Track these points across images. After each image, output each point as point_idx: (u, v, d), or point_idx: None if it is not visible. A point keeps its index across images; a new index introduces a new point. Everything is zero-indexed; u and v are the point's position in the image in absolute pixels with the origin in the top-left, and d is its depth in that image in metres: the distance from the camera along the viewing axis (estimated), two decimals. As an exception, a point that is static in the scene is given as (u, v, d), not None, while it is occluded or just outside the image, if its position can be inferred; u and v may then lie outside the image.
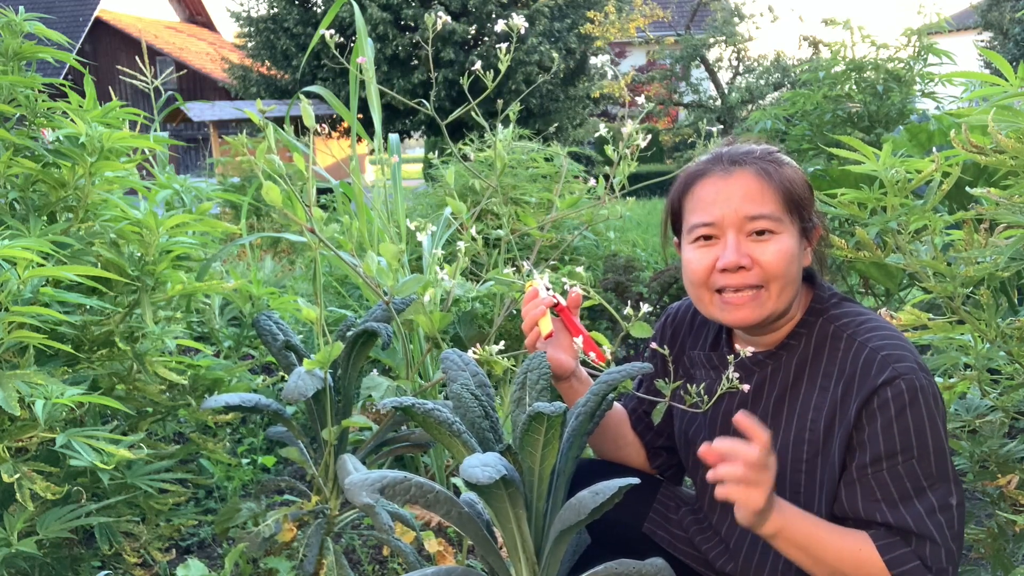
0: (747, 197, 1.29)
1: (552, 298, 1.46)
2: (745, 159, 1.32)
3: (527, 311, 1.47)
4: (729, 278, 1.29)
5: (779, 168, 1.32)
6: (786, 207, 1.30)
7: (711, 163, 1.35)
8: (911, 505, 1.19)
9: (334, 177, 2.92)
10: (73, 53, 1.90)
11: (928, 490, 1.19)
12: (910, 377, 1.20)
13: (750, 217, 1.28)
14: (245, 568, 2.03)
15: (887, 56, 3.35)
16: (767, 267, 1.27)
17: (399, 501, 1.20)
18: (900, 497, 1.20)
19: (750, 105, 14.51)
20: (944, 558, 1.18)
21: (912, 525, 1.18)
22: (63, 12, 20.72)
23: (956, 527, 1.20)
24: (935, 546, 1.18)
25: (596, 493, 1.16)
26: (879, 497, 1.21)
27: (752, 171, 1.30)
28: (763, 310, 1.29)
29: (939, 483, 1.20)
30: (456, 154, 2.18)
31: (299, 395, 1.63)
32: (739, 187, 1.30)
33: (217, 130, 14.83)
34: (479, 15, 14.47)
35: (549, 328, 1.43)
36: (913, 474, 1.20)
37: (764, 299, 1.28)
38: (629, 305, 1.45)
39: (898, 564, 1.18)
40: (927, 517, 1.18)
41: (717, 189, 1.31)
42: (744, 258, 1.27)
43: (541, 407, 1.17)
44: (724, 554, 1.40)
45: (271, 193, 1.55)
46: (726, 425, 1.39)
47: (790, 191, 1.30)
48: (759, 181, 1.30)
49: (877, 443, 1.21)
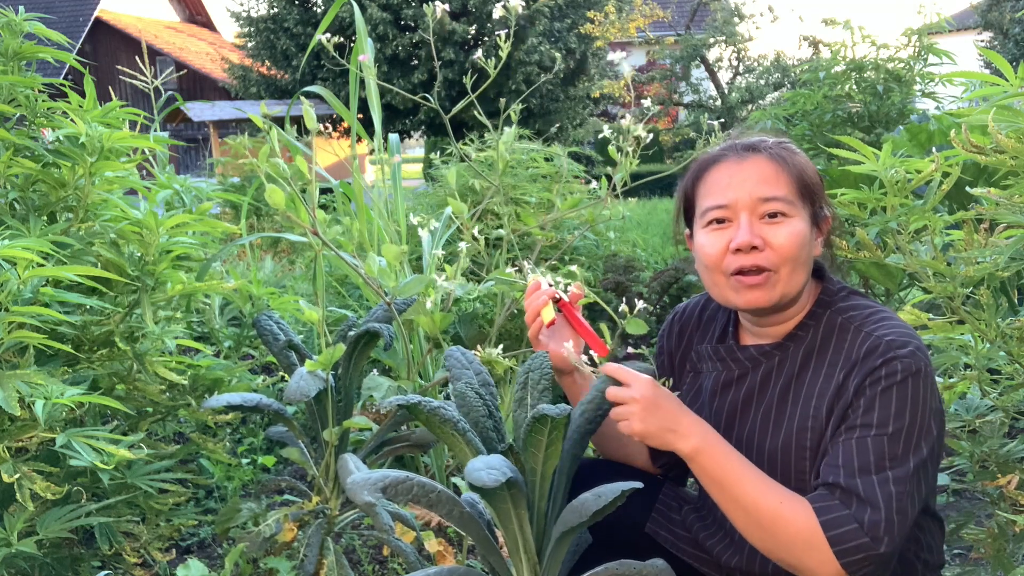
0: (761, 180, 1.31)
1: (553, 291, 1.47)
2: (759, 146, 1.34)
3: (529, 302, 1.49)
4: (742, 259, 1.30)
5: (792, 155, 1.34)
6: (799, 192, 1.31)
7: (725, 150, 1.37)
8: (867, 478, 1.18)
9: (334, 177, 2.92)
10: (73, 53, 1.90)
11: (888, 469, 1.18)
12: (908, 361, 1.21)
13: (763, 199, 1.30)
14: (245, 568, 2.03)
15: (887, 56, 3.35)
16: (779, 249, 1.28)
17: (401, 501, 1.20)
18: (860, 468, 1.19)
19: (750, 105, 14.51)
20: (883, 527, 1.15)
21: (860, 489, 1.17)
22: (63, 12, 20.71)
23: (905, 503, 1.17)
24: (876, 512, 1.16)
25: (599, 496, 1.16)
26: (839, 463, 1.21)
27: (766, 156, 1.33)
28: (775, 292, 1.30)
29: (901, 465, 1.19)
30: (457, 154, 2.18)
31: (301, 396, 1.63)
32: (753, 170, 1.32)
33: (217, 130, 14.82)
34: (479, 15, 14.47)
35: (551, 316, 1.44)
36: (880, 450, 1.19)
37: (775, 281, 1.29)
38: (625, 302, 1.45)
39: (834, 526, 1.16)
40: (878, 487, 1.17)
41: (731, 173, 1.33)
42: (757, 239, 1.29)
43: (546, 409, 1.17)
44: (730, 547, 1.40)
45: (274, 196, 1.55)
46: (732, 416, 1.40)
47: (803, 177, 1.32)
48: (773, 165, 1.32)
49: (857, 413, 1.22)
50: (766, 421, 1.35)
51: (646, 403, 1.25)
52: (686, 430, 1.25)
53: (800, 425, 1.31)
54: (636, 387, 1.26)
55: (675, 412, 1.27)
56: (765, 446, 1.34)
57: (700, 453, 1.25)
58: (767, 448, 1.33)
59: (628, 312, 1.38)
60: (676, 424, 1.25)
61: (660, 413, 1.25)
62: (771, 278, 1.29)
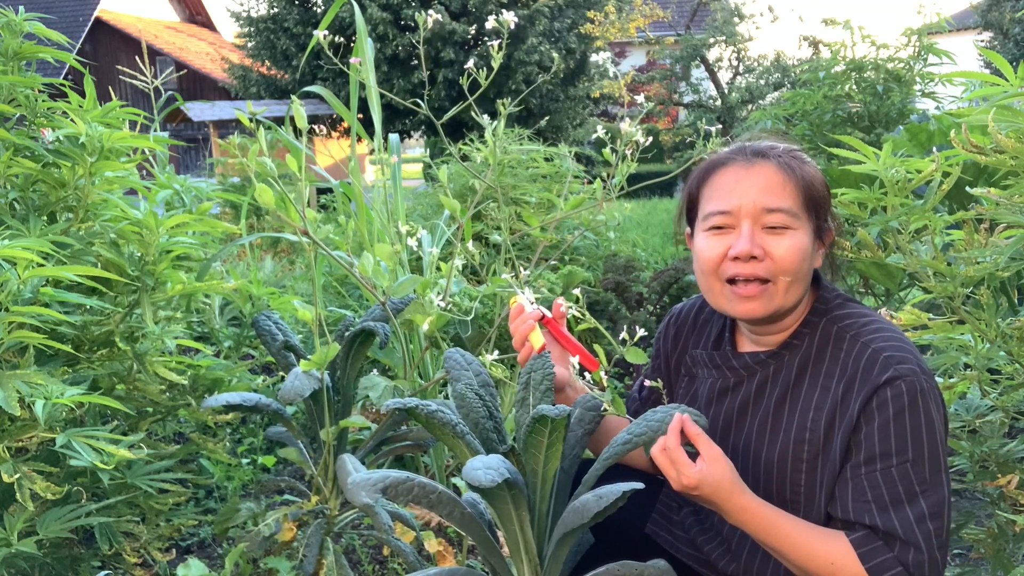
0: (767, 189, 1.28)
1: (537, 311, 1.45)
2: (768, 152, 1.32)
3: (515, 328, 1.46)
4: (740, 267, 1.28)
5: (801, 165, 1.32)
6: (804, 204, 1.29)
7: (733, 153, 1.35)
8: (901, 510, 1.18)
9: (334, 177, 2.92)
10: (73, 53, 1.90)
11: (920, 496, 1.18)
12: (911, 379, 1.20)
13: (768, 209, 1.27)
14: (245, 568, 2.03)
15: (887, 56, 3.35)
16: (779, 261, 1.27)
17: (402, 501, 1.20)
18: (891, 500, 1.19)
19: (750, 105, 14.50)
20: (927, 567, 1.16)
21: (899, 531, 1.17)
22: (63, 12, 20.70)
23: (944, 536, 1.19)
24: (919, 554, 1.16)
25: (600, 497, 1.15)
26: (869, 498, 1.20)
27: (774, 164, 1.30)
28: (771, 304, 1.29)
29: (932, 490, 1.19)
30: (455, 154, 2.18)
31: (296, 395, 1.63)
32: (760, 178, 1.29)
33: (217, 130, 14.81)
34: (479, 15, 14.46)
35: (541, 341, 1.42)
36: (907, 478, 1.19)
37: (772, 293, 1.28)
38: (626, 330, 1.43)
39: (880, 571, 1.17)
40: (916, 524, 1.17)
41: (737, 178, 1.31)
42: (757, 248, 1.27)
43: (545, 410, 1.17)
44: (726, 554, 1.40)
45: (264, 195, 1.55)
46: (728, 424, 1.39)
47: (810, 189, 1.30)
48: (781, 175, 1.29)
49: (873, 443, 1.20)
50: (762, 431, 1.34)
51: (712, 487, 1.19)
52: (732, 508, 1.21)
53: (797, 437, 1.30)
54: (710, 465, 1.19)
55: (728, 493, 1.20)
56: (761, 457, 1.33)
57: (744, 525, 1.23)
58: (763, 459, 1.33)
59: (628, 339, 1.35)
60: (725, 503, 1.21)
61: (717, 494, 1.20)
62: (768, 289, 1.28)
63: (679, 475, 1.19)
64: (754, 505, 1.21)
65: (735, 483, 1.20)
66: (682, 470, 1.19)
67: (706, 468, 1.18)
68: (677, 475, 1.20)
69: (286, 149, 2.48)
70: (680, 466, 1.19)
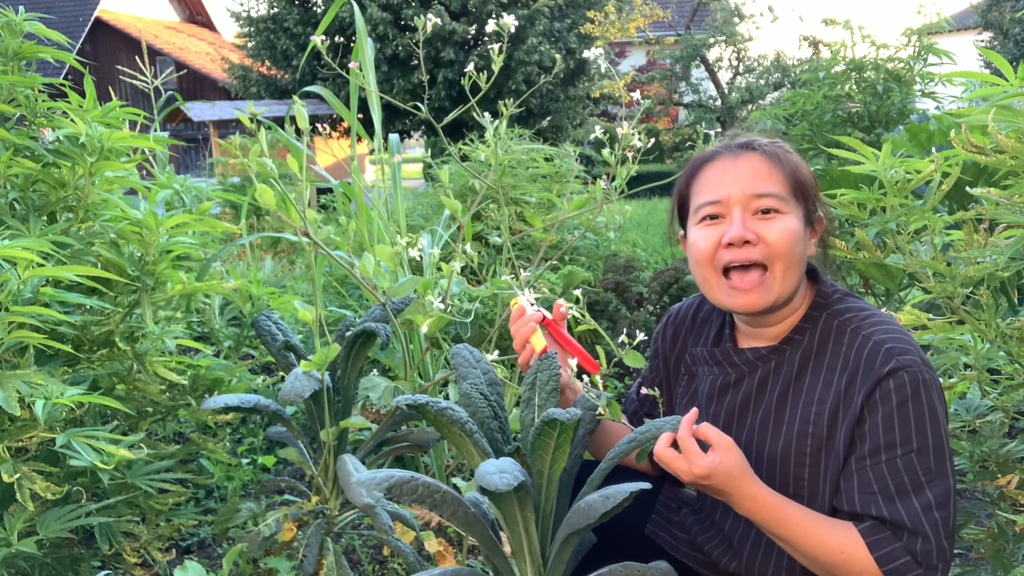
0: (755, 176, 1.31)
1: (539, 313, 1.45)
2: (753, 144, 1.36)
3: (516, 330, 1.46)
4: (734, 253, 1.29)
5: (786, 153, 1.35)
6: (792, 190, 1.32)
7: (719, 149, 1.38)
8: (907, 500, 1.19)
9: (334, 177, 2.92)
10: (73, 53, 1.90)
11: (926, 486, 1.19)
12: (913, 370, 1.21)
13: (757, 195, 1.30)
14: (245, 568, 2.03)
15: (887, 56, 3.35)
16: (772, 244, 1.28)
17: (406, 501, 1.20)
18: (897, 491, 1.20)
19: (750, 105, 14.51)
20: (935, 556, 1.18)
21: (907, 520, 1.18)
22: (63, 12, 20.70)
23: (951, 525, 1.20)
24: (927, 543, 1.17)
25: (607, 497, 1.15)
26: (875, 490, 1.21)
27: (760, 154, 1.34)
28: (770, 294, 1.29)
29: (937, 479, 1.20)
30: (455, 154, 2.18)
31: (296, 396, 1.63)
32: (747, 167, 1.32)
33: (217, 130, 14.81)
34: (479, 15, 14.46)
35: (543, 344, 1.42)
36: (912, 468, 1.20)
37: (770, 282, 1.29)
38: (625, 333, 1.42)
39: (888, 560, 1.18)
40: (923, 514, 1.18)
41: (724, 169, 1.34)
42: (750, 233, 1.28)
43: (556, 413, 1.17)
44: (727, 552, 1.40)
45: (265, 195, 1.55)
46: (730, 421, 1.39)
47: (796, 175, 1.33)
48: (767, 163, 1.33)
49: (877, 434, 1.21)
50: (764, 426, 1.34)
51: (724, 475, 1.19)
52: (743, 496, 1.21)
53: (800, 431, 1.30)
54: (722, 454, 1.19)
55: (738, 481, 1.20)
56: (764, 451, 1.33)
57: (754, 514, 1.23)
58: (766, 453, 1.33)
59: (627, 342, 1.35)
60: (736, 491, 1.21)
61: (728, 482, 1.20)
62: (766, 278, 1.29)
63: (691, 465, 1.19)
64: (764, 494, 1.21)
65: (746, 471, 1.20)
66: (694, 459, 1.18)
67: (718, 457, 1.18)
68: (688, 465, 1.19)
69: (286, 149, 2.49)
70: (692, 455, 1.19)
